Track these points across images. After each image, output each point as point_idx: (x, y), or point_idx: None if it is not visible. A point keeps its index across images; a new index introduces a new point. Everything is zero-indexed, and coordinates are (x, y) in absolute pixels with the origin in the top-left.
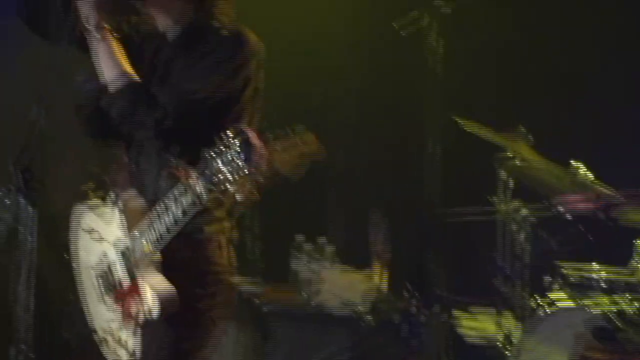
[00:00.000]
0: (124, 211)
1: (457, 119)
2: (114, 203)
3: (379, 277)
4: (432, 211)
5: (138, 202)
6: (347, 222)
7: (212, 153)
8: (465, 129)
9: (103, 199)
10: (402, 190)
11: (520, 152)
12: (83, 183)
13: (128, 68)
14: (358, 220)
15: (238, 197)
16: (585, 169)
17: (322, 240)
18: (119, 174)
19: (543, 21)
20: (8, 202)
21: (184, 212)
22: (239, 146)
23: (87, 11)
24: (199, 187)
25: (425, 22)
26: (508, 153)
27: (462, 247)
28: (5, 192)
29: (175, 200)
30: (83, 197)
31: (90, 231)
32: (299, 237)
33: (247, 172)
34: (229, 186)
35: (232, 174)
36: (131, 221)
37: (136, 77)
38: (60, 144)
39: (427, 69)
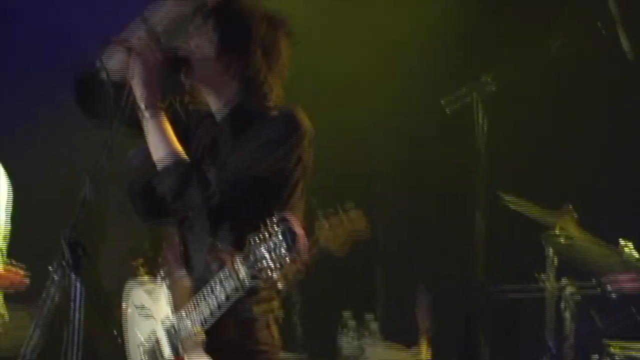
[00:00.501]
0: (173, 290)
1: (503, 196)
2: (163, 281)
3: (424, 354)
4: (479, 288)
5: (186, 282)
6: (394, 298)
7: (257, 239)
8: (511, 205)
9: (154, 276)
10: (450, 267)
11: (568, 229)
12: (134, 259)
13: (178, 147)
14: (404, 297)
15: (279, 283)
16: (634, 248)
17: (368, 316)
18: (170, 253)
19: (590, 99)
20: (57, 278)
21: (227, 297)
22: (282, 234)
23: (140, 90)
24: (242, 273)
25: (471, 99)
26: (556, 230)
27: (509, 325)
28: (55, 267)
29: (221, 283)
30: (134, 273)
31: (141, 307)
32: (346, 314)
33: (289, 261)
34: (271, 274)
35: (274, 262)
36: (179, 300)
37: (186, 157)
38: (111, 220)
39: (473, 145)
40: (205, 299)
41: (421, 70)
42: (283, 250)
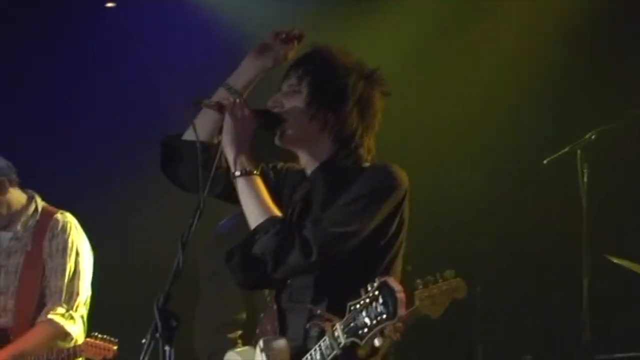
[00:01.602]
0: (272, 359)
1: (610, 258)
2: (263, 352)
3: None
4: (590, 357)
5: (286, 351)
6: None
7: (357, 306)
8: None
9: (253, 346)
10: (556, 335)
11: None
12: (231, 331)
13: (274, 207)
14: None
15: (377, 342)
16: None
17: None
18: (267, 321)
19: None
20: (148, 346)
21: (322, 356)
22: (383, 300)
23: (232, 151)
24: (343, 341)
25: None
26: None
27: None
28: (149, 339)
29: (321, 353)
30: (231, 346)
31: None
32: None
33: (391, 328)
34: (373, 340)
35: (376, 329)
36: None
37: (284, 219)
38: (204, 289)
39: (577, 205)
40: None
41: (520, 125)
42: (385, 317)
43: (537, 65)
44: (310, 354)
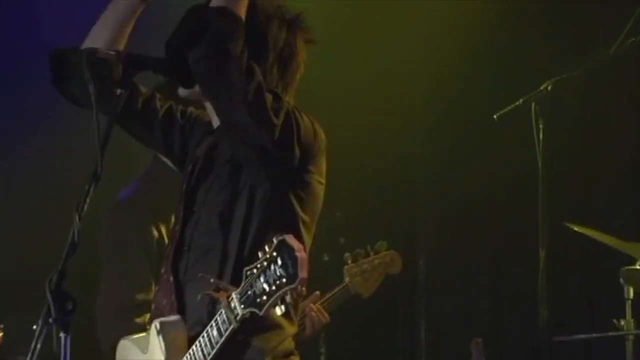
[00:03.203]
0: (169, 342)
1: (570, 226)
2: (160, 334)
3: None
4: (547, 338)
5: (182, 332)
6: (442, 354)
7: (254, 270)
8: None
9: (147, 330)
10: (509, 315)
11: None
12: (139, 315)
13: None
14: (456, 353)
15: (279, 311)
16: None
17: None
18: (164, 296)
19: None
20: (40, 333)
21: (220, 332)
22: (282, 260)
23: None
24: (240, 312)
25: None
26: (636, 265)
27: None
28: (41, 324)
29: (218, 329)
30: (141, 331)
31: None
32: None
33: (292, 292)
34: (274, 308)
35: (277, 294)
36: (176, 354)
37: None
38: (108, 267)
39: (533, 167)
40: (202, 349)
41: (469, 76)
42: (285, 280)
43: (491, 10)
44: (207, 331)
